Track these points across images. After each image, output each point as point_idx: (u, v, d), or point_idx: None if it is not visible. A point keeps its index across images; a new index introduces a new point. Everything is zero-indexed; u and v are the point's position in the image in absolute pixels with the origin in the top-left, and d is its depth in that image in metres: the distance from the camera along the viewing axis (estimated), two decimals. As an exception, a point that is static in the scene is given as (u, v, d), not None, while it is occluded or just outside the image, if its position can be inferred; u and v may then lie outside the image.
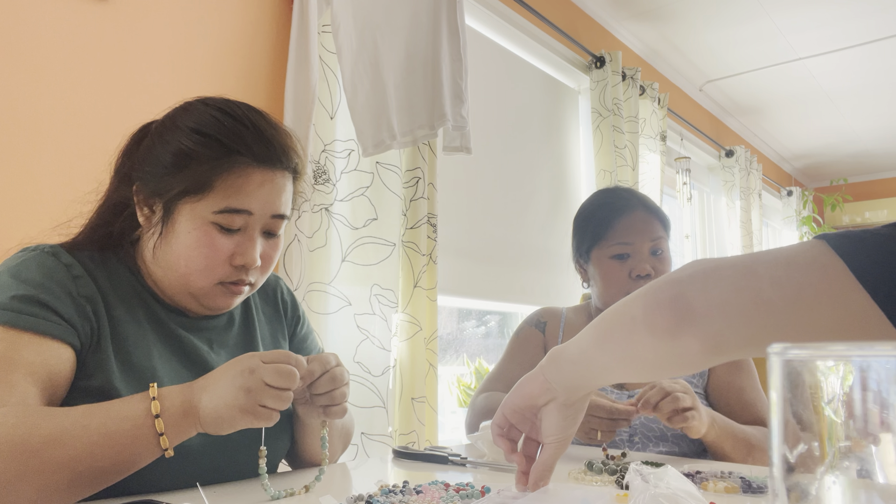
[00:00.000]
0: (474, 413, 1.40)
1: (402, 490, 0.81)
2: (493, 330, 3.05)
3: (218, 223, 0.86)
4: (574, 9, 3.18)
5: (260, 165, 0.88)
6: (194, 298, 0.91)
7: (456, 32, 1.81)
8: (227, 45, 1.74)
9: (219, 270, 0.88)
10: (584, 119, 3.24)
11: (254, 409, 0.74)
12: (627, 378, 0.68)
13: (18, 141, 1.35)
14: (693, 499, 0.65)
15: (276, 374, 0.75)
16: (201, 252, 0.86)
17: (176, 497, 0.79)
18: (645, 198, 1.45)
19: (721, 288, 0.57)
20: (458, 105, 1.79)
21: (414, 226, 1.98)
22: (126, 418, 0.73)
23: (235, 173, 0.86)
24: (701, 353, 0.58)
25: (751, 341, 0.56)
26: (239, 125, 0.88)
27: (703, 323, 0.57)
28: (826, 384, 0.31)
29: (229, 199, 0.86)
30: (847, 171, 6.05)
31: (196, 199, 0.86)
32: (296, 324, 1.12)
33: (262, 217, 0.89)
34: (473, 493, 0.78)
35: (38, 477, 0.68)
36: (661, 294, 0.61)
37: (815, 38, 3.65)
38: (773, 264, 0.56)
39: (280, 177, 0.90)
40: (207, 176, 0.85)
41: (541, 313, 1.57)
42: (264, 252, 0.92)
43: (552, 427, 0.72)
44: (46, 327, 0.78)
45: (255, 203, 0.87)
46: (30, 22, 1.39)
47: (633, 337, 0.62)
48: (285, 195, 0.91)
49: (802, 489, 0.31)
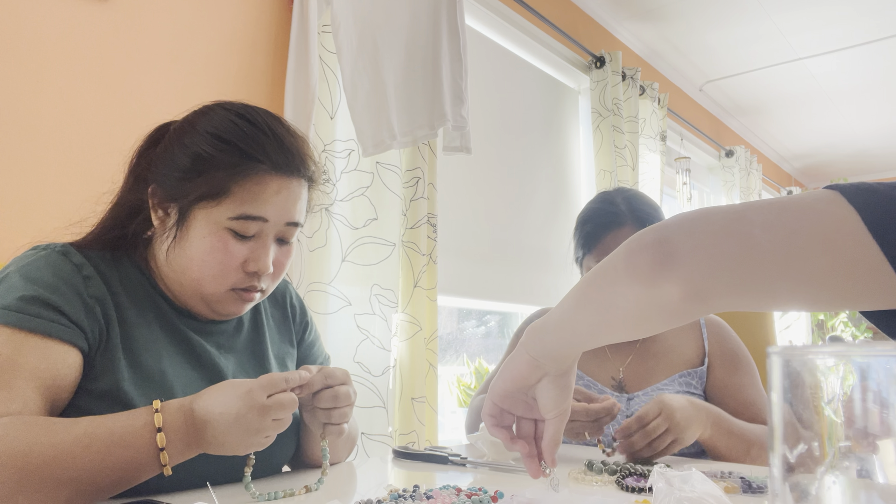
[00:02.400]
0: (474, 413, 1.40)
1: (413, 495, 0.79)
2: (493, 330, 3.05)
3: (233, 229, 0.86)
4: (574, 9, 3.18)
5: (278, 173, 0.87)
6: (206, 303, 0.91)
7: (456, 32, 1.81)
8: (227, 45, 1.74)
9: (231, 276, 0.88)
10: (584, 119, 3.24)
11: (260, 444, 0.77)
12: (611, 338, 0.65)
13: (19, 141, 1.35)
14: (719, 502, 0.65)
15: (280, 408, 0.77)
16: (215, 257, 0.86)
17: (182, 498, 0.79)
18: (640, 210, 1.38)
19: (707, 231, 0.55)
20: (458, 105, 1.79)
21: (414, 226, 1.98)
22: (129, 446, 0.73)
23: (253, 180, 0.86)
24: (682, 299, 0.56)
25: (735, 288, 0.54)
26: (258, 132, 0.88)
27: (685, 266, 0.55)
28: (826, 384, 0.31)
29: (245, 205, 0.86)
30: (847, 171, 6.05)
31: (212, 205, 0.85)
32: (304, 330, 1.11)
33: (277, 224, 0.89)
34: (485, 500, 0.76)
35: (36, 493, 0.68)
36: (644, 238, 0.58)
37: (815, 38, 3.65)
38: (765, 209, 0.54)
39: (296, 185, 0.90)
40: (225, 182, 0.85)
41: (544, 311, 1.56)
42: (276, 259, 0.91)
43: (551, 402, 0.71)
44: (53, 329, 0.77)
45: (271, 210, 0.87)
46: (30, 22, 1.39)
47: (615, 287, 0.60)
48: (300, 203, 0.91)
49: (802, 489, 0.31)
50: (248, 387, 0.76)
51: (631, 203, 1.39)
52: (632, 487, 0.85)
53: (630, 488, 0.85)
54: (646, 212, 1.37)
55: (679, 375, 1.32)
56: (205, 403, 0.76)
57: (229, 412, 0.75)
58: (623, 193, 1.44)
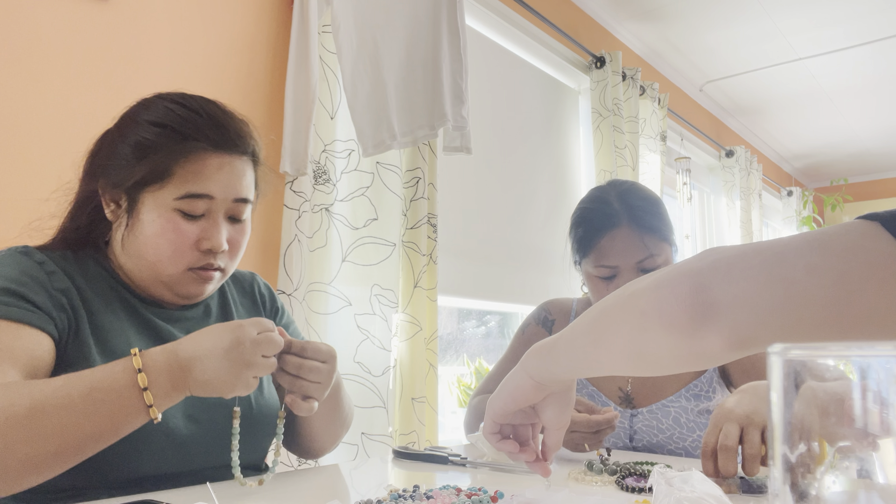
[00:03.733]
0: (473, 414, 1.40)
1: (413, 495, 0.79)
2: (493, 330, 3.05)
3: (181, 209, 0.89)
4: (574, 9, 3.18)
5: (216, 150, 0.90)
6: (167, 287, 0.93)
7: (456, 32, 1.81)
8: (227, 45, 1.74)
9: (187, 256, 0.90)
10: (584, 119, 3.24)
11: (247, 383, 0.77)
12: (628, 372, 0.64)
13: (18, 141, 1.35)
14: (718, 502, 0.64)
15: (269, 344, 0.77)
16: (167, 238, 0.89)
17: (182, 498, 0.79)
18: (636, 206, 1.29)
19: (748, 279, 0.51)
20: (459, 105, 1.79)
21: (414, 226, 1.98)
22: (110, 388, 0.73)
23: (192, 159, 0.89)
24: (724, 349, 0.53)
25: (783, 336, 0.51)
26: (193, 114, 0.91)
27: (729, 318, 0.52)
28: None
29: (189, 184, 0.88)
30: (847, 171, 6.05)
31: (157, 188, 0.88)
32: (275, 314, 1.13)
33: (225, 201, 0.91)
34: (485, 500, 0.77)
35: (23, 447, 0.68)
36: (678, 288, 0.55)
37: (816, 38, 3.65)
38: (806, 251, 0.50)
39: (238, 161, 0.93)
40: (166, 163, 0.88)
41: (548, 309, 1.50)
42: (231, 237, 0.94)
43: (553, 416, 0.72)
44: (23, 315, 0.79)
45: (215, 187, 0.90)
46: (30, 22, 1.39)
47: (643, 334, 0.57)
48: (245, 179, 0.94)
49: (802, 489, 0.31)
50: (238, 322, 0.78)
51: (625, 199, 1.30)
52: (632, 487, 0.85)
53: (630, 488, 0.85)
54: (642, 207, 1.29)
55: (686, 389, 1.29)
56: (189, 344, 0.77)
57: (219, 346, 0.76)
58: (617, 188, 1.34)
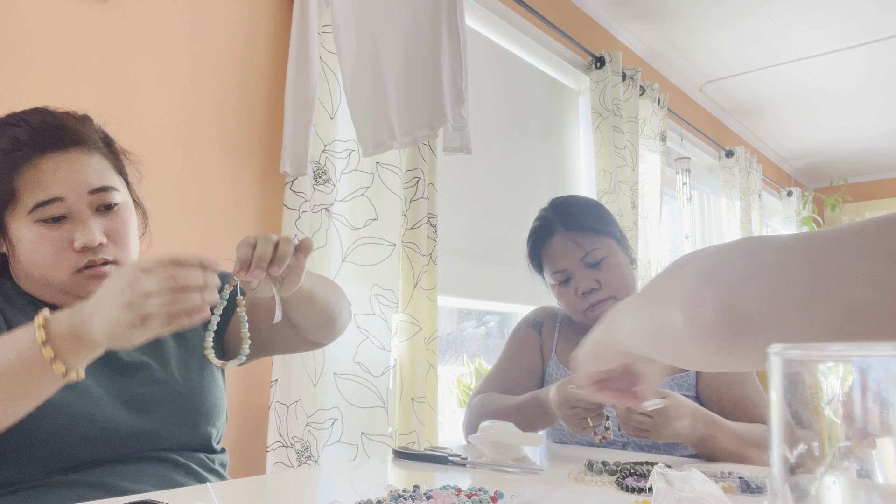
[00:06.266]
0: (472, 414, 1.40)
1: (413, 495, 0.79)
2: (493, 330, 3.05)
3: (39, 219, 0.89)
4: (574, 9, 3.18)
5: (43, 153, 0.90)
6: (68, 295, 0.93)
7: (456, 33, 1.81)
8: (227, 45, 1.74)
9: (66, 261, 0.90)
10: (584, 119, 3.24)
11: (143, 321, 0.73)
12: None
13: (18, 141, 1.35)
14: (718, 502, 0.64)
15: (156, 281, 0.73)
16: (39, 251, 0.89)
17: (182, 498, 0.79)
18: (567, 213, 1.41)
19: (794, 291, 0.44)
20: (459, 105, 1.79)
21: (414, 226, 1.98)
22: (11, 349, 0.73)
23: (25, 170, 0.89)
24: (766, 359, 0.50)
25: None
26: (12, 127, 0.91)
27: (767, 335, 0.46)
28: (826, 384, 0.31)
29: (34, 195, 0.89)
30: (847, 172, 6.05)
31: (12, 209, 0.89)
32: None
33: (80, 197, 0.91)
34: (485, 500, 0.76)
35: None
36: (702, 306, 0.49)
37: (815, 39, 3.65)
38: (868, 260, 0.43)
39: (77, 154, 0.92)
40: (5, 184, 0.89)
41: (538, 313, 1.57)
42: (108, 228, 0.93)
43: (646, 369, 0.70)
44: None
45: (59, 188, 0.89)
46: (30, 22, 1.39)
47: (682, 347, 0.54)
48: (92, 168, 0.93)
49: (802, 489, 0.31)
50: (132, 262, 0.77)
51: (558, 209, 1.44)
52: (632, 487, 0.85)
53: (630, 488, 0.85)
54: (573, 212, 1.42)
55: (671, 379, 1.31)
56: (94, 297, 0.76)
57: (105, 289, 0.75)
58: (553, 203, 1.49)
